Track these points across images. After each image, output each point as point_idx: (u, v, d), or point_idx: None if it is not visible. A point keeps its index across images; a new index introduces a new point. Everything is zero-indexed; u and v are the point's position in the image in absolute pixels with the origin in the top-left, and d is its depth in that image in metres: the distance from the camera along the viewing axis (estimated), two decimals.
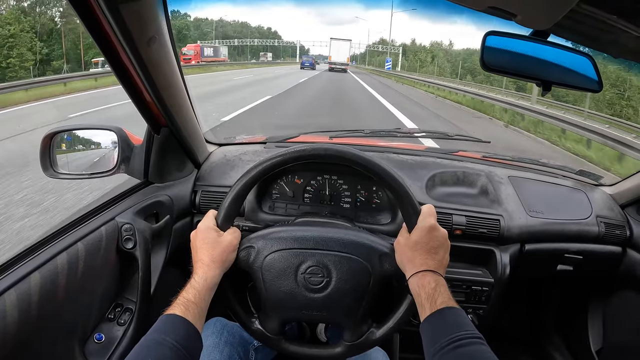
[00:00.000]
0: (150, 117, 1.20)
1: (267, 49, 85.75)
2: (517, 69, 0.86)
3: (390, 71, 44.19)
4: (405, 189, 0.99)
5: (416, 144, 1.83)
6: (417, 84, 24.25)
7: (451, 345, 0.78)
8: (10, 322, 0.82)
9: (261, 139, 1.76)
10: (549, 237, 1.45)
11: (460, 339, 0.78)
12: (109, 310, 1.17)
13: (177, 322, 0.83)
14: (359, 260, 0.99)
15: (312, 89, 19.33)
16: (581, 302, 1.79)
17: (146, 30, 0.93)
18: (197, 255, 0.97)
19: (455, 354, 0.77)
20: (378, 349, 1.20)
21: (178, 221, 1.39)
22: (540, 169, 1.70)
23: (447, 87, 19.22)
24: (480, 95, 14.98)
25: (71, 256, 0.99)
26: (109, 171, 1.27)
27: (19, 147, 6.22)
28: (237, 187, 1.01)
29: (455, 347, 0.77)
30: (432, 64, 59.20)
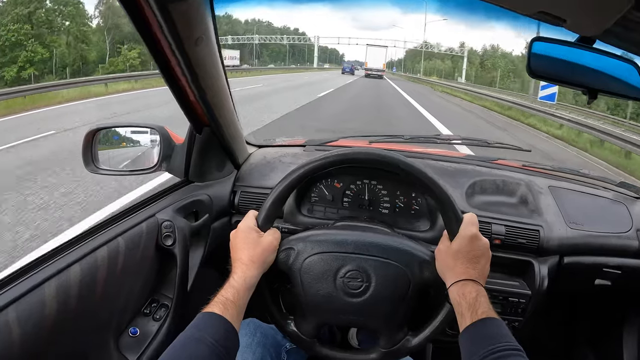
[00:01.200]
0: (193, 117, 1.22)
1: (296, 52, 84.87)
2: (563, 76, 0.85)
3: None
4: (449, 197, 0.98)
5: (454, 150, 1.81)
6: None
7: (492, 357, 0.77)
8: (49, 313, 0.84)
9: (300, 141, 1.77)
10: (588, 250, 1.41)
11: (500, 350, 0.78)
12: (144, 305, 1.20)
13: (215, 320, 0.85)
14: (399, 266, 0.99)
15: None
16: (617, 318, 1.74)
17: (194, 30, 0.94)
18: (236, 254, 0.97)
19: None
20: (409, 358, 1.19)
21: (216, 220, 1.40)
22: (581, 180, 1.66)
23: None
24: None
25: (111, 250, 1.01)
26: (150, 168, 1.30)
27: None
28: (279, 188, 1.02)
29: (495, 359, 0.77)
30: (509, 77, 51.31)
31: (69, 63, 34.76)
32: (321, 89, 20.47)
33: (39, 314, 0.82)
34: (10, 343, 0.77)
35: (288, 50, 79.73)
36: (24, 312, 0.80)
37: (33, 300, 0.82)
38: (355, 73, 50.69)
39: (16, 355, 0.78)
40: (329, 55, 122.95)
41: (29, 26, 31.93)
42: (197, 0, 0.89)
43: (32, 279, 0.85)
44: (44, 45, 32.65)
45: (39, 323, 0.82)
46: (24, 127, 9.16)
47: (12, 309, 0.79)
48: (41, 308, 0.83)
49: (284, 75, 37.03)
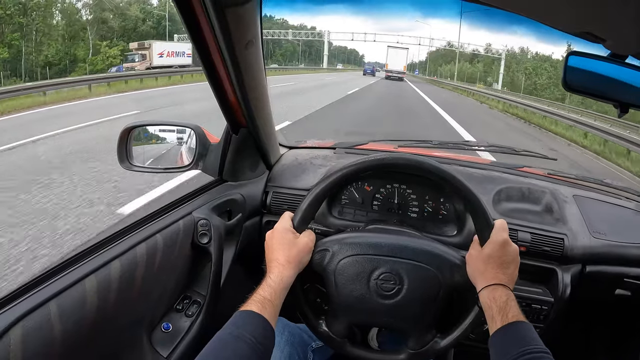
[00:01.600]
0: (232, 117, 1.25)
1: (312, 52, 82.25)
2: (597, 90, 0.86)
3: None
4: (480, 203, 1.01)
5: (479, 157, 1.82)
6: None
7: (522, 358, 0.79)
8: (89, 308, 0.86)
9: (330, 144, 1.78)
10: (610, 259, 1.41)
11: (530, 352, 0.80)
12: (177, 302, 1.22)
13: (254, 319, 0.86)
14: (430, 269, 1.01)
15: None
16: (636, 329, 1.74)
17: (246, 34, 0.96)
18: (272, 254, 0.99)
19: None
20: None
21: (249, 220, 1.42)
22: (605, 189, 1.66)
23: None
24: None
25: (150, 247, 1.03)
26: (185, 167, 1.33)
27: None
28: (316, 190, 1.04)
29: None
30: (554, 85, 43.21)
31: (54, 62, 33.56)
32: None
33: (80, 309, 0.85)
34: (52, 339, 0.79)
35: (301, 49, 76.39)
36: (65, 307, 0.82)
37: (74, 295, 0.84)
38: (375, 74, 51.23)
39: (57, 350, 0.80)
40: (348, 56, 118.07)
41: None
42: (251, 4, 0.92)
43: (74, 273, 0.87)
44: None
45: (80, 319, 0.84)
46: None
47: (53, 303, 0.80)
48: (82, 303, 0.85)
49: (283, 77, 31.63)
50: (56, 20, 38.37)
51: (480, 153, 2.01)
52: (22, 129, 8.82)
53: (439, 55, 76.22)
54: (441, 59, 74.90)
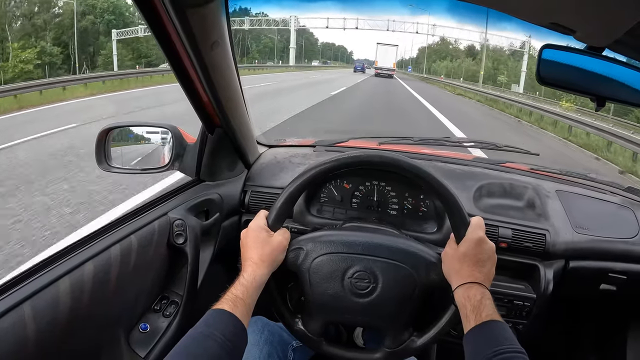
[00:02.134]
0: (205, 118, 1.24)
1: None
2: (572, 84, 0.85)
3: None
4: (456, 200, 1.00)
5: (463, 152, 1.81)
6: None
7: (495, 359, 0.78)
8: (63, 309, 0.85)
9: (310, 142, 1.78)
10: (594, 254, 1.41)
11: (503, 352, 0.79)
12: (155, 302, 1.21)
13: (225, 317, 0.86)
14: (405, 268, 1.00)
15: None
16: (621, 325, 1.73)
17: (210, 34, 0.96)
18: (246, 253, 0.99)
19: None
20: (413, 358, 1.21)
21: (227, 219, 1.42)
22: (588, 184, 1.66)
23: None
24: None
25: (124, 248, 1.02)
26: (162, 167, 1.32)
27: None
28: (290, 188, 1.03)
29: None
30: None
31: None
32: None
33: (53, 310, 0.84)
34: (25, 339, 0.78)
35: (276, 46, 70.36)
36: (38, 308, 0.81)
37: (47, 296, 0.84)
38: (365, 71, 51.68)
39: (31, 350, 0.79)
40: (335, 52, 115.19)
41: None
42: (213, 5, 0.91)
43: (47, 275, 0.86)
44: None
45: (53, 320, 0.83)
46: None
47: (27, 304, 0.80)
48: (55, 304, 0.84)
49: (259, 76, 28.33)
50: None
51: (463, 149, 1.99)
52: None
53: (433, 51, 73.39)
54: (435, 55, 71.88)
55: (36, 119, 10.25)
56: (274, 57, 68.76)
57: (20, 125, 9.39)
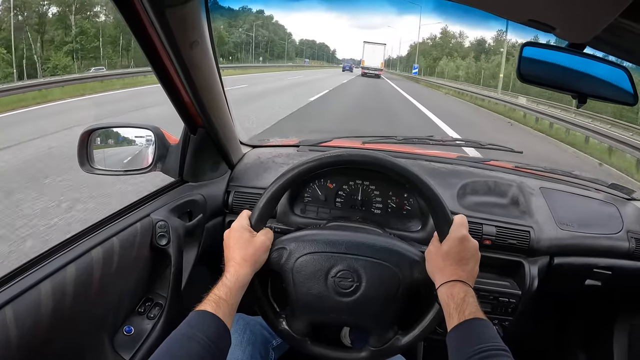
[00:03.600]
0: (187, 118, 1.23)
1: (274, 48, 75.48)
2: (553, 81, 0.85)
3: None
4: (439, 198, 1.00)
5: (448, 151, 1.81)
6: None
7: (478, 356, 0.78)
8: (44, 312, 0.84)
9: (294, 141, 1.78)
10: (578, 251, 1.43)
11: (486, 350, 0.79)
12: (139, 304, 1.20)
13: (208, 319, 0.85)
14: (389, 266, 1.00)
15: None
16: (608, 320, 1.76)
17: (190, 34, 0.95)
18: (229, 253, 0.98)
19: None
20: (400, 356, 1.21)
21: (210, 220, 1.41)
22: (572, 181, 1.68)
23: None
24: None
25: (106, 250, 1.01)
26: (145, 169, 1.30)
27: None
28: (272, 188, 1.03)
29: (481, 359, 0.78)
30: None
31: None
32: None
33: (35, 314, 0.83)
34: (7, 343, 0.77)
35: (252, 44, 67.20)
36: (20, 312, 0.80)
37: (29, 300, 0.83)
38: (353, 70, 52.69)
39: (13, 355, 0.78)
40: (317, 51, 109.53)
41: None
42: (193, 5, 0.90)
43: (29, 278, 0.85)
44: None
45: (35, 323, 0.82)
46: None
47: (9, 308, 0.79)
48: (37, 308, 0.83)
49: (234, 77, 24.43)
50: None
51: (455, 149, 1.99)
52: None
53: (429, 48, 68.82)
54: (435, 52, 65.87)
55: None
56: (249, 57, 64.22)
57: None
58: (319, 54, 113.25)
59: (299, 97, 15.24)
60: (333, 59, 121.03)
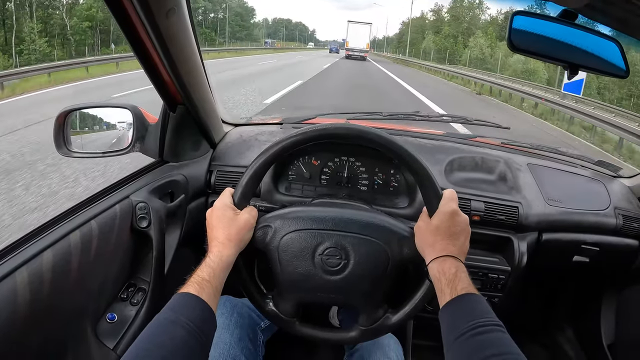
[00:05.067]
0: (166, 95, 1.20)
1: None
2: (543, 51, 0.84)
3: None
4: (428, 172, 0.97)
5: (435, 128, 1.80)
6: None
7: (472, 332, 0.76)
8: (21, 302, 0.81)
9: (277, 119, 1.75)
10: (566, 227, 1.43)
11: (480, 326, 0.77)
12: (121, 290, 1.17)
13: (191, 301, 0.82)
14: (378, 243, 0.98)
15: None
16: (595, 295, 1.78)
17: (165, 1, 0.91)
18: (212, 233, 0.95)
19: (475, 341, 0.75)
20: (390, 335, 1.19)
21: (193, 201, 1.38)
22: (559, 158, 1.68)
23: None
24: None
25: (84, 234, 0.98)
26: (124, 150, 1.26)
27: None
28: (255, 165, 1.00)
29: (476, 334, 0.76)
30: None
31: None
32: None
33: (12, 304, 0.80)
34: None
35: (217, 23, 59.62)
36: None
37: (5, 289, 0.79)
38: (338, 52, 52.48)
39: None
40: (291, 32, 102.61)
41: None
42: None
43: (3, 267, 0.82)
44: None
45: (12, 314, 0.79)
46: None
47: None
48: (13, 297, 0.80)
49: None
50: None
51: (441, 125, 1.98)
52: None
53: (423, 26, 60.64)
54: (449, 27, 52.86)
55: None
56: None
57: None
58: (294, 34, 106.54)
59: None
60: (314, 40, 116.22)
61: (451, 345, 0.78)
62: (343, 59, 39.65)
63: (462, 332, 0.77)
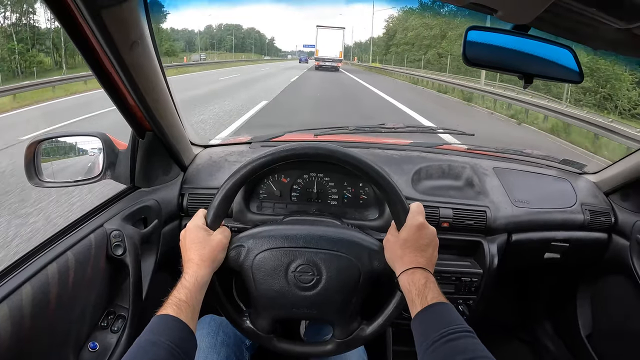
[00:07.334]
0: (134, 122, 1.20)
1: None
2: (498, 63, 0.87)
3: None
4: (394, 187, 1.00)
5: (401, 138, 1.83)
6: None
7: (443, 340, 0.79)
8: (3, 335, 0.81)
9: (246, 139, 1.76)
10: (535, 226, 1.47)
11: (451, 333, 0.79)
12: (101, 318, 1.17)
13: (170, 323, 0.84)
14: (348, 257, 1.00)
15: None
16: (570, 289, 1.83)
17: (128, 35, 0.92)
18: (187, 254, 0.97)
19: (446, 348, 0.78)
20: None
21: (166, 225, 1.38)
22: (525, 160, 1.73)
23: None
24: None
25: (61, 266, 0.98)
26: (95, 178, 1.26)
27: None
28: (226, 186, 1.01)
29: (447, 341, 0.78)
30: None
31: None
32: None
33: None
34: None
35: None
36: None
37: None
38: (308, 62, 50.57)
39: None
40: (243, 41, 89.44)
41: None
42: (130, 5, 0.87)
43: None
44: None
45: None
46: None
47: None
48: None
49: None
50: None
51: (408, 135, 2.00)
52: None
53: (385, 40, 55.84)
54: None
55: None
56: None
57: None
58: (244, 44, 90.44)
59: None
60: (274, 51, 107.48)
61: (424, 354, 0.80)
62: (312, 71, 34.84)
63: (434, 340, 0.79)
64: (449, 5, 0.74)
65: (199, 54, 51.43)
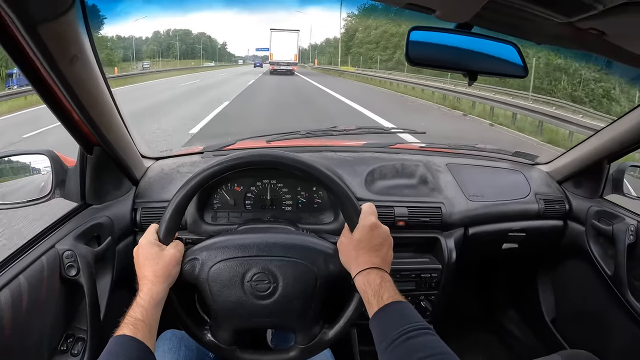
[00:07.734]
0: (81, 137, 1.17)
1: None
2: (442, 61, 0.88)
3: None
4: (344, 190, 1.00)
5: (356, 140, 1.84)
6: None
7: (401, 338, 0.79)
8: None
9: (198, 149, 1.74)
10: (490, 218, 1.51)
11: (409, 331, 0.80)
12: (61, 342, 1.13)
13: (127, 343, 0.82)
14: (303, 263, 1.00)
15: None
16: (531, 277, 1.89)
17: (67, 49, 0.89)
18: (140, 271, 0.95)
19: (405, 346, 0.78)
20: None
21: (120, 242, 1.35)
22: (477, 154, 1.76)
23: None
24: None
25: (13, 291, 0.95)
26: (44, 197, 1.22)
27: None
28: (176, 199, 1.00)
29: (406, 340, 0.79)
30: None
31: None
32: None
33: None
34: None
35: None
36: None
37: None
38: (263, 67, 50.10)
39: None
40: (192, 47, 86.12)
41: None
42: (68, 19, 0.85)
43: None
44: None
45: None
46: None
47: None
48: None
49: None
50: None
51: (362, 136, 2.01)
52: None
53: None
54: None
55: None
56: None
57: None
58: (194, 49, 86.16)
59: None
60: (227, 56, 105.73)
61: (383, 354, 0.81)
62: (266, 75, 34.25)
63: (393, 339, 0.80)
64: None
65: (142, 62, 49.40)
